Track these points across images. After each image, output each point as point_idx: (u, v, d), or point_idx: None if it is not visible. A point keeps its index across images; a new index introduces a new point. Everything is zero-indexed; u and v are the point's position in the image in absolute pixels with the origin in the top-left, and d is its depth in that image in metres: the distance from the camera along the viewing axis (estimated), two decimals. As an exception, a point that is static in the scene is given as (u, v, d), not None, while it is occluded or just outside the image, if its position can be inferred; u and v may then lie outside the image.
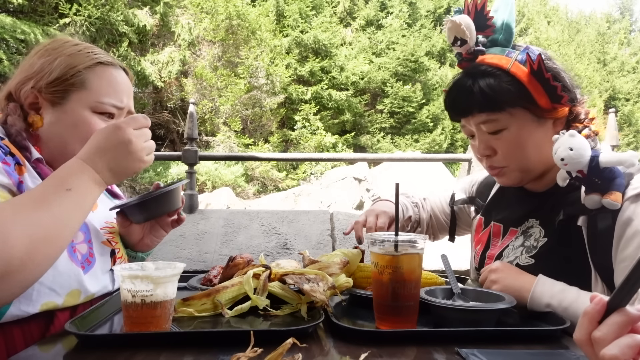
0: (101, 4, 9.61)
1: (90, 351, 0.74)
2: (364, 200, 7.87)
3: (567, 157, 0.94)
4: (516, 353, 0.75)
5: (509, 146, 1.08)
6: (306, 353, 0.71)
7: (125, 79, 1.13)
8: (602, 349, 0.52)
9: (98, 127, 1.04)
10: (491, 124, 1.07)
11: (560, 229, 1.05)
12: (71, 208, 0.85)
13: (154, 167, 10.60)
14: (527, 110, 1.05)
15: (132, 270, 0.82)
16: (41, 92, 1.03)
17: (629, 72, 21.53)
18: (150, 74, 10.70)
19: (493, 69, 1.06)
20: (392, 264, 0.85)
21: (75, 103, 1.04)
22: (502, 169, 1.12)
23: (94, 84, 1.05)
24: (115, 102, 1.08)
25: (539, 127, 1.06)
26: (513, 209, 1.19)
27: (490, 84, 1.04)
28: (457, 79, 1.12)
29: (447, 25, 1.12)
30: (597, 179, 0.94)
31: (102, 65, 1.08)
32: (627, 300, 0.53)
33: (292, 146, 13.62)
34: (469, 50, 1.12)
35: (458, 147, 16.24)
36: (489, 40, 1.12)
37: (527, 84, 1.03)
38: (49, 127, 1.04)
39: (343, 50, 15.58)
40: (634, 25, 27.27)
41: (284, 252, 2.55)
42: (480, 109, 1.06)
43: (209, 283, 1.09)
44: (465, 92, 1.07)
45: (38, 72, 1.03)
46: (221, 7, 11.77)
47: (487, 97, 1.04)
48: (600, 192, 0.95)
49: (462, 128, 1.16)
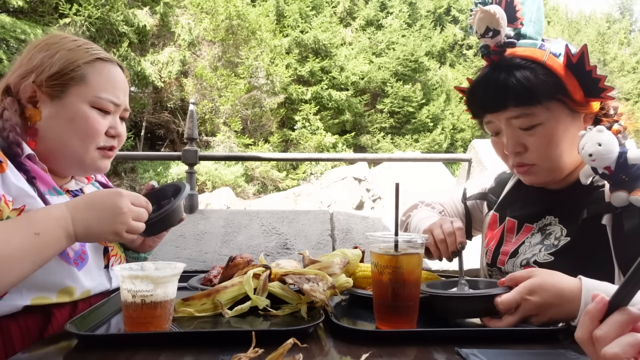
0: (101, 4, 9.61)
1: (90, 351, 0.73)
2: (364, 200, 7.87)
3: (595, 152, 0.91)
4: (516, 353, 0.75)
5: (542, 142, 1.04)
6: (306, 353, 0.71)
7: (122, 76, 1.13)
8: (604, 348, 0.52)
9: (95, 122, 1.05)
10: (526, 118, 1.03)
11: (583, 228, 1.03)
12: (30, 252, 0.84)
13: (154, 167, 10.60)
14: (563, 104, 1.02)
15: (132, 270, 0.82)
16: (41, 86, 1.03)
17: (629, 72, 21.54)
18: (150, 74, 10.71)
19: (528, 62, 1.02)
20: (392, 264, 0.84)
21: (74, 97, 1.04)
22: (532, 167, 1.08)
23: (93, 80, 1.06)
24: (113, 98, 1.08)
25: (573, 121, 1.04)
26: (529, 205, 1.16)
27: (527, 77, 1.00)
28: (485, 73, 1.08)
29: (477, 15, 1.06)
30: (624, 176, 0.92)
31: (101, 61, 1.08)
32: (629, 299, 0.53)
33: (292, 146, 13.62)
34: (498, 43, 1.06)
35: (458, 147, 16.25)
36: (516, 33, 1.07)
37: (563, 77, 1.01)
38: (47, 121, 1.04)
39: (343, 50, 15.59)
40: (634, 25, 27.28)
41: (284, 252, 2.55)
42: (516, 102, 1.02)
43: (209, 283, 1.09)
44: (499, 86, 1.03)
45: (38, 66, 1.03)
46: (221, 7, 11.78)
47: (524, 89, 1.00)
48: (627, 189, 0.92)
49: (485, 125, 1.12)
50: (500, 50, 1.07)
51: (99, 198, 0.94)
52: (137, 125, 11.79)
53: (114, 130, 1.10)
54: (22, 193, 0.93)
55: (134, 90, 11.31)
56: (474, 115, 1.13)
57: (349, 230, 2.66)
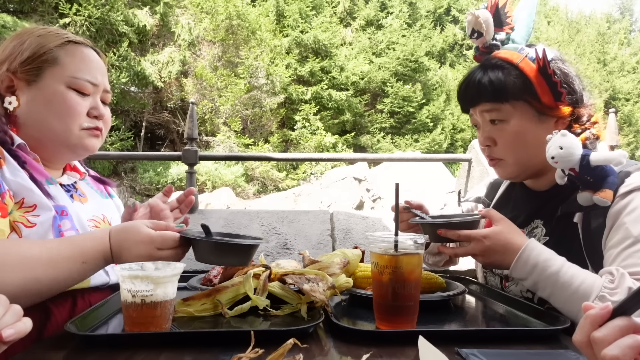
0: (101, 4, 9.61)
1: (90, 351, 0.74)
2: (364, 200, 7.87)
3: (557, 155, 0.97)
4: (516, 353, 0.75)
5: (507, 138, 1.12)
6: (306, 353, 0.71)
7: (97, 57, 1.14)
8: (603, 350, 0.51)
9: (74, 102, 1.05)
10: (494, 112, 1.12)
11: (558, 226, 1.09)
12: (75, 277, 0.91)
13: (154, 167, 10.60)
14: (529, 105, 1.09)
15: (132, 270, 0.82)
16: (15, 73, 1.04)
17: (629, 72, 21.51)
18: (150, 74, 10.70)
19: (503, 63, 1.12)
20: (392, 264, 0.85)
21: (50, 79, 1.05)
22: (499, 161, 1.16)
23: (66, 61, 1.06)
24: (90, 78, 1.08)
25: (540, 123, 1.10)
26: (519, 210, 1.21)
27: (498, 76, 1.10)
28: (470, 71, 1.18)
29: (467, 18, 1.20)
30: (589, 177, 0.98)
31: (73, 43, 1.09)
32: (633, 311, 0.53)
33: (292, 146, 13.62)
34: (485, 44, 1.20)
35: (458, 147, 16.24)
36: (507, 37, 1.19)
37: (533, 79, 1.07)
38: (25, 106, 1.04)
39: (343, 50, 15.58)
40: (634, 25, 27.28)
41: (284, 252, 2.55)
42: (486, 98, 1.12)
43: (209, 283, 1.09)
44: (475, 83, 1.13)
45: (10, 54, 1.05)
46: (221, 7, 11.77)
47: (493, 87, 1.09)
48: (592, 189, 0.98)
49: (470, 118, 1.22)
50: (486, 52, 1.20)
51: (136, 235, 0.93)
52: (137, 125, 11.78)
53: (95, 111, 1.10)
54: (19, 187, 0.94)
55: (134, 90, 11.31)
56: (462, 109, 1.23)
57: (349, 230, 2.66)
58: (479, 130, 1.19)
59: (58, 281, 0.89)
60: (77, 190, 1.16)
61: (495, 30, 1.21)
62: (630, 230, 0.94)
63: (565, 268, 0.95)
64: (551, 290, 0.96)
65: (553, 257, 0.98)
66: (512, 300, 1.06)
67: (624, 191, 0.98)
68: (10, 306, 0.64)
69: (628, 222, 0.95)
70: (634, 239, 0.93)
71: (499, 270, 1.21)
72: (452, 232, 1.06)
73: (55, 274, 0.87)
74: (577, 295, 0.92)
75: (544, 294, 0.98)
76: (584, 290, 0.92)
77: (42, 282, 0.86)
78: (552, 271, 0.95)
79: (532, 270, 0.97)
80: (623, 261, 0.93)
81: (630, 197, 0.97)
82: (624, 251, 0.94)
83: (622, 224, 0.96)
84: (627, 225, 0.95)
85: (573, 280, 0.93)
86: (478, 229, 1.06)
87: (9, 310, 0.63)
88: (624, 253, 0.94)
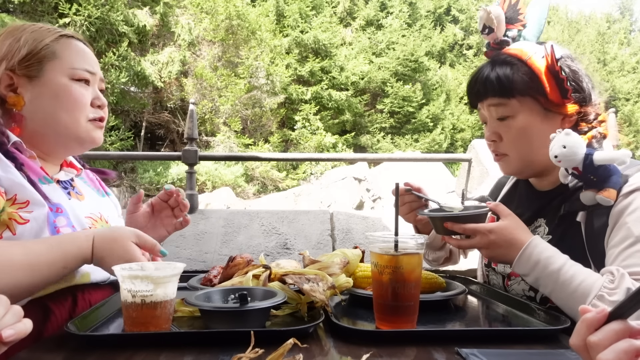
0: (101, 4, 9.60)
1: (90, 351, 0.74)
2: (364, 200, 7.86)
3: (560, 154, 0.97)
4: (516, 353, 0.75)
5: (513, 134, 1.12)
6: (306, 353, 0.71)
7: (88, 48, 1.16)
8: (598, 354, 0.51)
9: (79, 94, 1.08)
10: (500, 108, 1.12)
11: (561, 226, 1.09)
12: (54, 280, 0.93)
13: (154, 167, 10.60)
14: (536, 101, 1.09)
15: (132, 270, 0.82)
16: (15, 71, 1.04)
17: (629, 72, 21.51)
18: (150, 74, 10.69)
19: (512, 59, 1.12)
20: (392, 263, 0.85)
21: (52, 73, 1.06)
22: (504, 157, 1.16)
23: (64, 53, 1.08)
24: (88, 67, 1.11)
25: (547, 120, 1.10)
26: (523, 208, 1.21)
27: (506, 72, 1.10)
28: (480, 66, 1.18)
29: (479, 13, 1.21)
30: (592, 176, 0.98)
31: (66, 37, 1.12)
32: (629, 314, 0.52)
33: (292, 146, 13.62)
34: (495, 40, 1.20)
35: (458, 147, 16.23)
36: (518, 34, 1.20)
37: (541, 76, 1.08)
38: (31, 103, 1.05)
39: (343, 50, 15.57)
40: (634, 25, 27.26)
41: (284, 252, 2.55)
42: (493, 93, 1.12)
43: (209, 283, 1.09)
44: (483, 78, 1.13)
45: (7, 52, 1.05)
46: (221, 7, 11.77)
47: (500, 83, 1.10)
48: (595, 188, 0.98)
49: (478, 113, 1.22)
50: (497, 47, 1.20)
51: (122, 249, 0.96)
52: (137, 125, 11.77)
53: (98, 101, 1.13)
54: (11, 183, 0.94)
55: (134, 90, 11.30)
56: (471, 104, 1.23)
57: (349, 230, 2.66)
58: (486, 126, 1.19)
59: (37, 285, 0.91)
60: (75, 188, 1.16)
61: (507, 26, 1.21)
62: (632, 230, 0.94)
63: (567, 266, 0.95)
64: (552, 287, 0.96)
65: (556, 254, 0.98)
66: (512, 300, 1.06)
67: (627, 190, 0.98)
68: (11, 307, 0.64)
69: (630, 222, 0.95)
70: (634, 239, 0.93)
71: (502, 269, 1.21)
72: (458, 225, 1.05)
73: (34, 279, 0.89)
74: (577, 294, 0.92)
75: (545, 291, 0.99)
76: (584, 289, 0.92)
77: (21, 287, 0.88)
78: (554, 269, 0.95)
79: (534, 267, 0.98)
80: (623, 261, 0.93)
81: (633, 197, 0.97)
82: (624, 251, 0.94)
83: (624, 224, 0.96)
84: (628, 225, 0.95)
85: (574, 279, 0.93)
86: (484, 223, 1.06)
87: (10, 311, 0.63)
88: (625, 253, 0.94)
